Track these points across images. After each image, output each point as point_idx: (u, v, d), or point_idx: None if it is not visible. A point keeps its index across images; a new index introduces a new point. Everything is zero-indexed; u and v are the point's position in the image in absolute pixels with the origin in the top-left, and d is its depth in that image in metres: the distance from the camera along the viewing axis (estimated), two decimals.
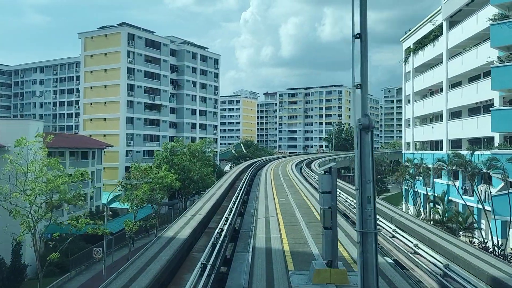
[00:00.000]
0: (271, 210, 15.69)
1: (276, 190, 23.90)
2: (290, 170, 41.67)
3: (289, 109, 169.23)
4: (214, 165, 72.29)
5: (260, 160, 53.48)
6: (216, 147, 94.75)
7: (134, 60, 76.51)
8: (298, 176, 35.17)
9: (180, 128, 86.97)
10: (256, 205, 17.01)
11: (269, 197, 20.50)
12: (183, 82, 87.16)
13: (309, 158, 63.97)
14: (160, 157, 55.25)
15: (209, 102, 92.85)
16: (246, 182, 26.94)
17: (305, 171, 41.12)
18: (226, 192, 22.15)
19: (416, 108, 50.95)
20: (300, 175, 37.81)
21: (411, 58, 52.33)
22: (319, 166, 49.01)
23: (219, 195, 19.37)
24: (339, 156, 75.80)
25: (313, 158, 62.68)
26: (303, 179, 33.58)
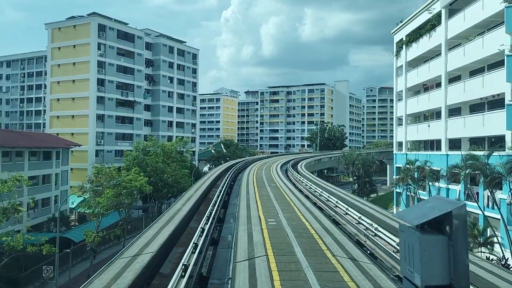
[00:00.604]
0: (257, 242, 10.84)
1: (262, 204, 18.95)
2: (275, 173, 37.15)
3: (271, 107, 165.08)
4: (192, 165, 67.47)
5: (241, 161, 48.92)
6: (195, 146, 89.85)
7: (105, 53, 71.03)
8: (285, 182, 30.47)
9: (156, 126, 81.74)
10: (235, 232, 12.18)
11: (253, 215, 15.50)
12: (159, 77, 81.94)
13: (293, 158, 59.74)
14: (130, 158, 50.08)
15: (187, 99, 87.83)
16: (224, 190, 22.24)
17: (293, 174, 36.60)
18: (198, 205, 17.41)
19: (410, 105, 47.21)
20: (288, 180, 33.26)
21: (403, 52, 48.57)
22: (306, 168, 44.84)
23: (187, 211, 14.62)
24: (324, 157, 71.77)
25: (298, 159, 58.45)
26: (292, 186, 28.91)
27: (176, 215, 13.90)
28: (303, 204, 18.85)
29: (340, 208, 17.85)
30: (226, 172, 35.67)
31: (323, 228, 13.39)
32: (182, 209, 15.07)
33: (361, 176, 61.27)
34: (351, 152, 69.24)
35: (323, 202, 20.86)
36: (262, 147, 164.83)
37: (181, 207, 15.39)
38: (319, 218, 15.54)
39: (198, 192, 20.28)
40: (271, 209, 17.63)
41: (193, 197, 18.13)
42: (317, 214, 16.38)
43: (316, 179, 32.43)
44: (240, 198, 19.71)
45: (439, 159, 37.43)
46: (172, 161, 52.17)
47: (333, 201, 19.85)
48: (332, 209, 19.08)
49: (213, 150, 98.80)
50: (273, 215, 16.26)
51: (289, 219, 15.18)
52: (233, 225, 14.47)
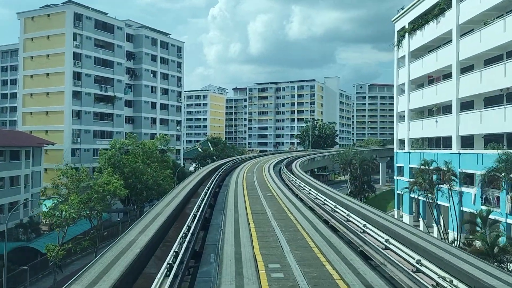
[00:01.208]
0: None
1: (257, 230, 13.80)
2: (268, 176, 32.51)
3: (259, 104, 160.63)
4: (176, 165, 62.79)
5: (230, 161, 44.26)
6: (180, 145, 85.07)
7: (81, 44, 65.86)
8: (283, 188, 25.87)
9: (138, 123, 76.78)
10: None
11: (245, 257, 10.31)
12: (141, 71, 76.94)
13: (285, 158, 55.25)
14: (105, 157, 45.10)
15: (171, 95, 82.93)
16: (206, 201, 17.53)
17: (289, 178, 31.27)
18: (165, 229, 12.41)
19: (413, 99, 43.13)
20: (284, 185, 28.31)
21: (405, 41, 44.47)
22: (301, 169, 40.46)
23: (143, 247, 9.71)
24: (317, 155, 67.30)
25: (290, 158, 53.73)
26: (292, 194, 23.63)
27: (123, 256, 9.11)
28: (316, 229, 13.90)
29: (378, 240, 12.61)
30: (211, 175, 31.12)
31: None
32: (136, 242, 10.21)
33: (359, 176, 57.10)
34: (348, 150, 65.07)
35: (341, 223, 15.74)
36: (250, 145, 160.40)
37: (137, 238, 10.57)
38: (344, 255, 11.01)
39: (172, 205, 15.68)
40: (271, 241, 12.41)
41: (162, 215, 13.47)
42: (343, 250, 11.64)
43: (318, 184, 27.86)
44: (226, 217, 14.94)
45: (450, 159, 33.37)
46: (153, 161, 47.43)
47: (359, 224, 14.55)
48: (360, 238, 13.79)
49: (200, 149, 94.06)
50: (277, 255, 10.97)
51: (304, 265, 10.04)
52: (212, 275, 9.64)
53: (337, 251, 11.52)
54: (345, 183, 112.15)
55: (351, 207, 17.06)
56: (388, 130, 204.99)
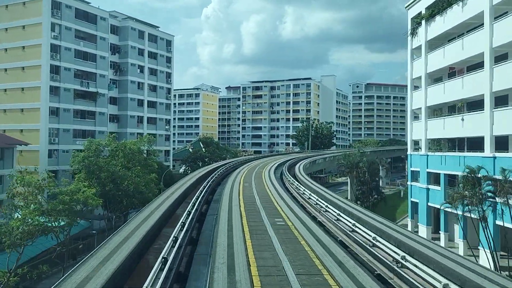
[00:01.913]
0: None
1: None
2: (272, 189, 25.76)
3: (254, 104, 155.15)
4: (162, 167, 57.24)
5: (222, 165, 38.07)
6: (169, 145, 79.44)
7: (60, 35, 60.07)
8: (297, 211, 18.51)
9: (123, 122, 71.05)
10: None
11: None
12: (126, 66, 71.21)
13: (284, 160, 49.62)
14: (79, 160, 39.29)
15: (160, 92, 77.27)
16: (186, 236, 11.80)
17: (297, 189, 25.73)
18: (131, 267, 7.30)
19: (431, 95, 37.92)
20: (296, 203, 21.40)
21: (422, 28, 39.27)
22: (307, 174, 35.05)
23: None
24: (319, 157, 61.69)
25: (291, 162, 47.62)
26: (311, 219, 16.82)
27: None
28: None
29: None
30: (199, 184, 25.67)
31: None
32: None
33: (367, 181, 51.71)
34: (353, 151, 59.32)
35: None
36: (244, 145, 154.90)
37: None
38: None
39: (134, 239, 10.26)
40: None
41: (117, 255, 8.16)
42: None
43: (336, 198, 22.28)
44: (215, 272, 9.21)
45: (482, 163, 28.17)
46: (135, 164, 41.78)
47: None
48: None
49: (191, 149, 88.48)
50: None
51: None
52: None
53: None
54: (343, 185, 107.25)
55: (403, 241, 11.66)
56: (385, 131, 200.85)
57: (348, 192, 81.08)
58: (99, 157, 39.67)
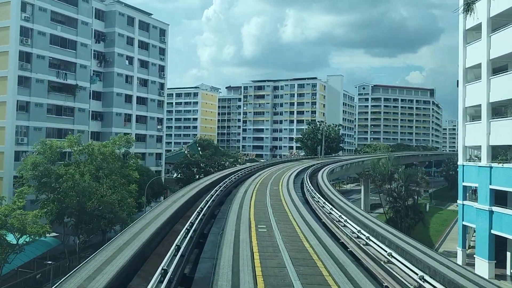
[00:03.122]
0: None
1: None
2: (308, 231, 15.34)
3: (255, 104, 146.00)
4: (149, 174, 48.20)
5: (222, 178, 27.35)
6: (161, 147, 70.30)
7: (33, 17, 51.04)
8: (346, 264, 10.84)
9: (108, 120, 61.93)
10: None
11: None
12: (113, 56, 62.14)
13: (299, 170, 40.15)
14: (28, 168, 29.95)
15: (151, 87, 68.20)
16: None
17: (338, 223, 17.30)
18: None
19: (497, 87, 28.84)
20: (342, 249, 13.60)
21: (482, 3, 30.21)
22: (341, 194, 25.83)
23: None
24: (336, 165, 51.01)
25: (308, 172, 37.16)
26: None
27: None
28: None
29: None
30: (179, 223, 16.49)
31: None
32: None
33: (403, 197, 42.20)
34: (386, 158, 49.59)
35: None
36: (245, 148, 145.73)
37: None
38: None
39: None
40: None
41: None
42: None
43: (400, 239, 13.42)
44: None
45: None
46: (107, 173, 32.58)
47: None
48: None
49: (187, 152, 79.42)
50: None
51: None
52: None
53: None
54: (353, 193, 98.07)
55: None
56: (392, 135, 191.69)
57: (361, 201, 72.15)
58: (55, 163, 30.45)
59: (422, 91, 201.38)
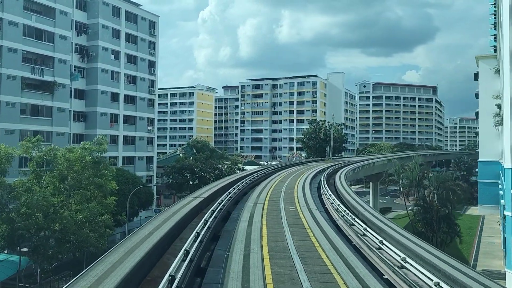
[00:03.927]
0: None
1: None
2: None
3: (253, 103, 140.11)
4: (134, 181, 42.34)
5: (220, 193, 21.48)
6: (152, 150, 64.37)
7: (2, 5, 45.18)
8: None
9: (92, 121, 55.97)
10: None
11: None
12: (96, 50, 56.22)
13: (311, 174, 34.59)
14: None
15: (140, 84, 62.29)
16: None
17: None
18: None
19: None
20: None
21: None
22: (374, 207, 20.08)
23: None
24: (348, 169, 45.15)
25: (324, 178, 30.90)
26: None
27: None
28: None
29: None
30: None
31: None
32: None
33: (435, 208, 36.16)
34: (413, 162, 43.23)
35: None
36: (243, 149, 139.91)
37: None
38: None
39: None
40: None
41: None
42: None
43: None
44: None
45: None
46: (72, 185, 26.56)
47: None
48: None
49: (182, 154, 73.57)
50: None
51: None
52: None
53: None
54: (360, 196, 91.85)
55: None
56: (395, 134, 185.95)
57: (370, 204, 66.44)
58: (4, 175, 24.53)
59: (424, 88, 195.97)
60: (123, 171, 44.00)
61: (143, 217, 56.27)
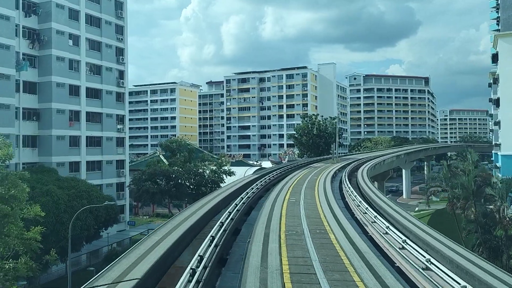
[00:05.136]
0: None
1: None
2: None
3: (240, 98, 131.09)
4: (89, 193, 33.09)
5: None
6: (123, 152, 55.00)
7: None
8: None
9: (46, 120, 46.38)
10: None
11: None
12: (50, 34, 46.61)
13: (319, 178, 26.41)
14: None
15: (107, 75, 52.84)
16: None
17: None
18: None
19: None
20: None
21: None
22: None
23: None
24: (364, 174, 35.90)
25: (343, 174, 23.06)
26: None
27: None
28: None
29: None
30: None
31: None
32: None
33: (506, 224, 27.12)
34: (469, 163, 34.70)
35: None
36: (230, 148, 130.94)
37: None
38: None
39: None
40: None
41: None
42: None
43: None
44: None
45: None
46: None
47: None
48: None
49: (163, 155, 64.31)
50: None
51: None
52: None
53: None
54: None
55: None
56: (387, 128, 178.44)
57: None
58: None
59: (416, 79, 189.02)
60: (77, 181, 34.71)
61: (113, 232, 47.27)
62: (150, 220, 62.00)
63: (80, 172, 48.15)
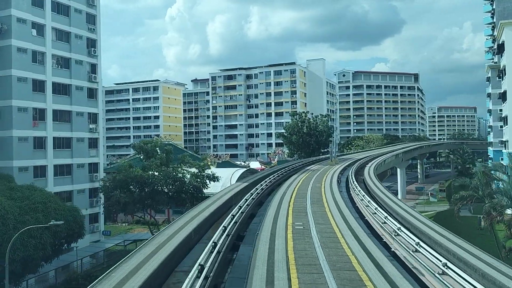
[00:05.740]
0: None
1: None
2: None
3: (226, 96, 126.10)
4: (44, 201, 27.88)
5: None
6: (97, 155, 49.69)
7: None
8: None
9: (6, 120, 40.90)
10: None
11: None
12: (9, 22, 41.13)
13: (323, 185, 22.25)
14: None
15: (76, 69, 47.45)
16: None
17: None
18: None
19: None
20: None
21: None
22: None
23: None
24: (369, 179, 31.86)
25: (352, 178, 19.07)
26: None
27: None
28: None
29: None
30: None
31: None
32: None
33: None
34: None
35: None
36: (216, 148, 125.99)
37: None
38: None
39: None
40: None
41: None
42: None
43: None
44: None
45: None
46: None
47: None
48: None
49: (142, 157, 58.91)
50: None
51: None
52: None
53: None
54: None
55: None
56: (377, 125, 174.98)
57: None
58: None
59: (405, 76, 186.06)
60: (33, 191, 29.48)
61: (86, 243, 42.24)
62: (128, 228, 56.81)
63: (46, 178, 42.86)
